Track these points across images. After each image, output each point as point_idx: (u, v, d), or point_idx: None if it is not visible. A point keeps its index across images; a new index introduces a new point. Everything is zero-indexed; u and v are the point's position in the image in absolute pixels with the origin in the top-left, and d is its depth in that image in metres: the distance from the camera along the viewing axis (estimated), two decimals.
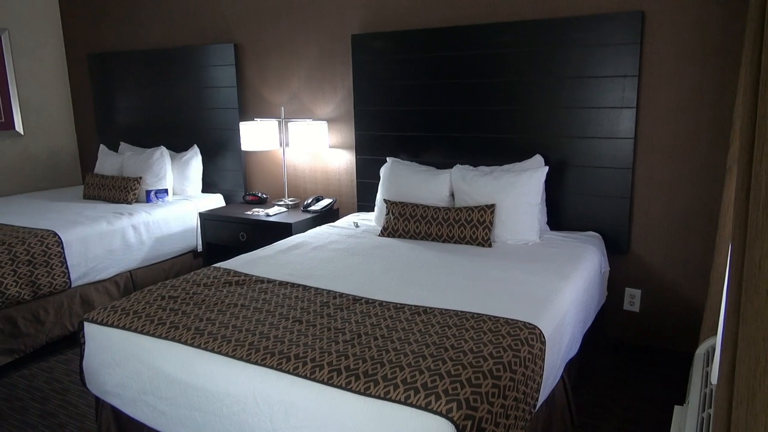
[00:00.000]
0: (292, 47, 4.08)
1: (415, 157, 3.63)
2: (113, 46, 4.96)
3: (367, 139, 3.81)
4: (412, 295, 2.29)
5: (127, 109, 4.97)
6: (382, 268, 2.67)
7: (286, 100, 4.16)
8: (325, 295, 2.32)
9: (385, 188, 3.43)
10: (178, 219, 4.10)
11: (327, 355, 1.79)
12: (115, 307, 2.24)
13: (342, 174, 4.06)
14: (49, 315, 3.31)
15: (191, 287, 2.43)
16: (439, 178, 3.28)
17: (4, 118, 4.93)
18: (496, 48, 3.28)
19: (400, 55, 3.59)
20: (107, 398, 2.23)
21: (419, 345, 1.84)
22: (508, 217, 3.02)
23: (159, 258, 4.00)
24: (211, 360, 1.89)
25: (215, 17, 4.36)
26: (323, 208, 3.89)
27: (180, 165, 4.42)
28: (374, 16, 3.71)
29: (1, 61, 4.85)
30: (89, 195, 4.39)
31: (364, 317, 2.10)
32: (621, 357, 3.22)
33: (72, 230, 3.50)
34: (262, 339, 1.93)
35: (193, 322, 2.08)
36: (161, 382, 2.00)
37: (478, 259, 2.76)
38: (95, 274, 3.59)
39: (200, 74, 4.44)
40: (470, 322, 2.01)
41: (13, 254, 3.18)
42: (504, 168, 3.22)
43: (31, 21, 5.04)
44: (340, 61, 3.89)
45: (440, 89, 3.49)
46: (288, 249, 3.00)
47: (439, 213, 3.09)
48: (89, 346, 2.24)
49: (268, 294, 2.35)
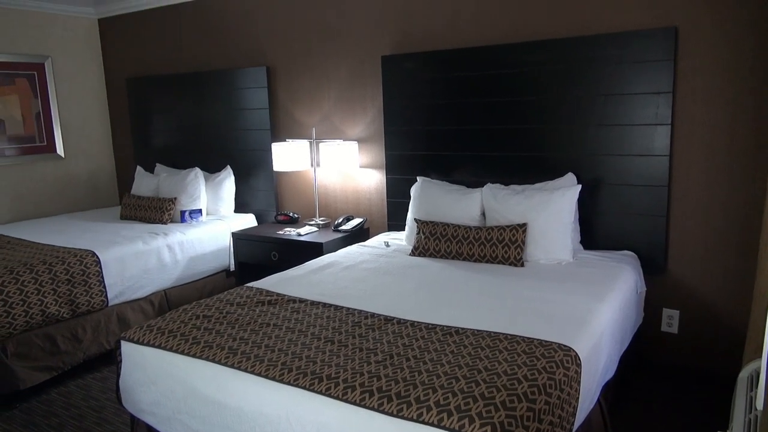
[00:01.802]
0: (322, 69, 4.14)
1: (446, 176, 3.62)
2: (150, 70, 5.12)
3: (398, 159, 3.82)
4: (444, 316, 2.27)
5: (162, 131, 5.10)
6: (414, 288, 2.66)
7: (317, 120, 4.22)
8: (357, 315, 2.32)
9: (416, 207, 3.43)
10: (212, 239, 4.16)
11: (359, 375, 1.79)
12: (151, 326, 2.28)
13: (372, 193, 4.08)
14: (86, 333, 3.38)
15: (225, 306, 2.46)
16: (469, 197, 3.27)
17: (47, 142, 5.11)
18: (526, 66, 3.27)
19: (429, 75, 3.61)
20: (142, 416, 2.26)
21: (452, 366, 1.82)
22: (541, 237, 2.98)
23: (193, 277, 4.06)
24: (244, 379, 1.91)
25: (248, 41, 4.47)
26: (354, 227, 3.91)
27: (213, 185, 4.51)
28: (404, 36, 3.75)
29: (44, 86, 5.04)
30: (126, 215, 4.49)
31: (396, 337, 2.09)
32: (659, 380, 3.13)
33: (109, 250, 3.58)
34: (295, 359, 1.93)
35: (226, 342, 2.10)
36: (195, 401, 2.02)
37: (510, 278, 2.73)
38: (131, 293, 3.66)
39: (234, 97, 4.53)
40: (503, 343, 1.99)
41: (53, 273, 3.27)
42: (536, 187, 3.20)
43: (73, 48, 5.24)
44: (370, 82, 3.93)
45: (470, 108, 3.49)
46: (319, 269, 3.01)
47: (470, 232, 3.08)
48: (125, 365, 2.28)
49: (300, 314, 2.36)
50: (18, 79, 4.88)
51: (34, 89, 4.99)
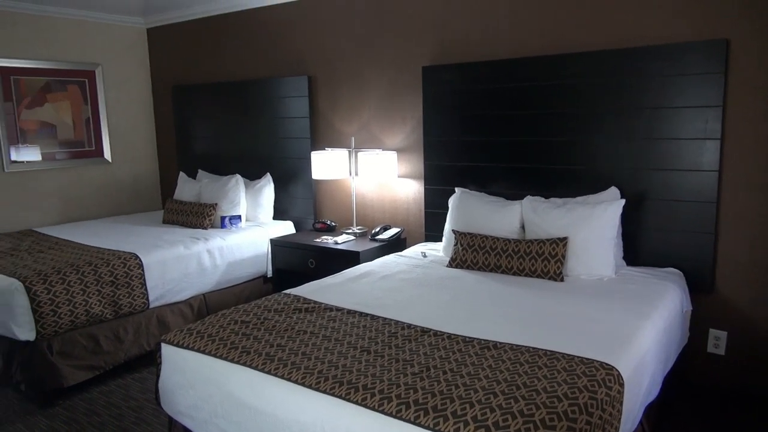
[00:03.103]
0: (362, 79, 4.17)
1: (484, 187, 3.59)
2: (195, 78, 5.24)
3: (436, 170, 3.81)
4: (482, 329, 2.24)
5: (205, 138, 5.21)
6: (451, 300, 2.64)
7: (357, 130, 4.25)
8: (393, 326, 2.31)
9: (454, 218, 3.41)
10: (250, 245, 4.21)
11: (395, 387, 1.77)
12: (191, 330, 2.32)
13: (410, 203, 4.08)
14: (128, 334, 3.46)
15: (262, 313, 2.48)
16: (509, 209, 3.23)
17: (95, 146, 5.28)
18: (569, 79, 3.23)
19: (469, 86, 3.60)
20: (180, 419, 2.30)
21: (490, 381, 1.79)
22: (582, 251, 2.92)
23: (231, 282, 4.12)
24: (280, 386, 1.91)
25: (290, 51, 4.53)
26: (391, 237, 3.91)
27: (253, 192, 4.57)
28: (444, 47, 3.74)
29: (94, 93, 5.22)
30: (168, 220, 4.60)
31: (433, 350, 2.07)
32: (704, 402, 3.02)
33: (152, 253, 3.67)
34: (331, 368, 1.93)
35: (264, 348, 2.11)
36: (232, 406, 2.04)
37: (549, 293, 2.68)
38: (171, 296, 3.73)
39: (275, 105, 4.60)
40: (543, 359, 1.95)
41: (98, 275, 3.36)
42: (577, 200, 3.14)
43: (122, 56, 5.41)
44: (410, 92, 3.94)
45: (510, 120, 3.46)
46: (356, 278, 3.02)
47: (509, 245, 3.04)
48: (165, 367, 2.32)
49: (337, 322, 2.36)
50: (70, 86, 5.06)
51: (85, 96, 5.17)
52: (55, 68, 4.95)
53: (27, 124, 4.83)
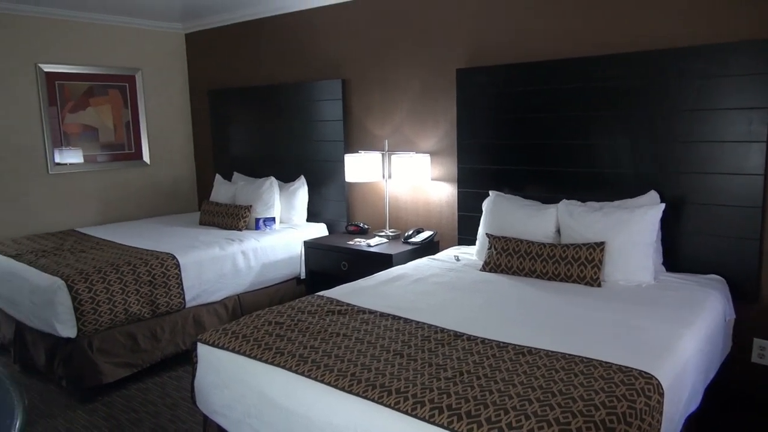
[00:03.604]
0: (396, 82, 4.17)
1: (519, 191, 3.55)
2: (231, 82, 5.32)
3: (470, 173, 3.78)
4: (516, 334, 2.21)
5: (241, 141, 5.29)
6: (484, 304, 2.61)
7: (390, 132, 4.25)
8: (426, 330, 2.30)
9: (488, 222, 3.38)
10: (284, 246, 4.25)
11: (428, 391, 1.76)
12: (226, 330, 2.35)
13: (443, 207, 4.06)
14: (164, 333, 3.53)
15: (296, 314, 2.49)
16: (544, 213, 3.18)
17: (134, 149, 5.41)
18: (607, 80, 3.16)
19: (504, 88, 3.56)
20: (215, 417, 2.33)
21: (524, 388, 1.77)
22: (620, 256, 2.86)
23: (265, 283, 4.16)
24: (313, 388, 1.92)
25: (325, 55, 4.57)
26: (424, 240, 3.89)
27: (287, 195, 4.62)
28: (478, 49, 3.72)
29: (134, 97, 5.35)
30: (204, 221, 4.67)
31: (466, 354, 2.05)
32: (748, 414, 2.91)
33: (188, 254, 3.73)
34: (364, 370, 1.93)
35: (297, 349, 2.13)
36: (265, 407, 2.06)
37: (585, 299, 2.63)
38: (207, 296, 3.79)
39: (309, 109, 4.64)
40: (579, 366, 1.91)
41: (137, 274, 3.43)
42: (615, 204, 3.07)
43: (161, 61, 5.53)
44: (443, 95, 3.92)
45: (545, 122, 3.41)
46: (389, 280, 3.01)
47: (544, 249, 2.99)
48: (201, 366, 2.35)
49: (370, 325, 2.36)
50: (111, 90, 5.20)
51: (125, 100, 5.30)
52: (98, 73, 5.09)
53: (70, 128, 4.98)
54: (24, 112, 4.69)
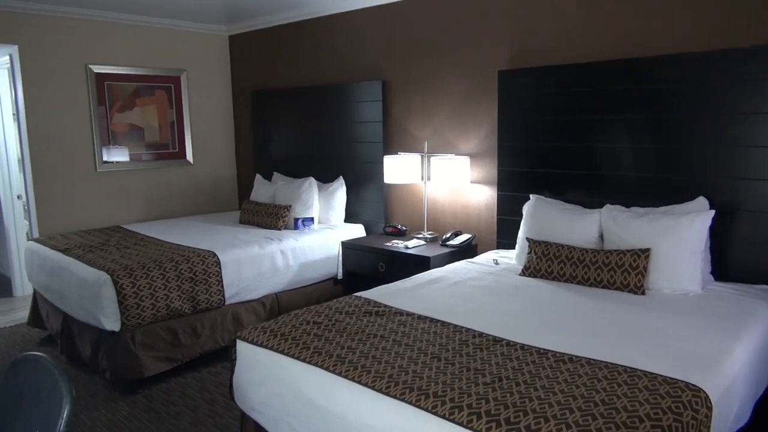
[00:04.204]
0: (437, 83, 4.15)
1: (560, 195, 3.48)
2: (273, 83, 5.39)
3: (510, 176, 3.73)
4: (556, 341, 2.17)
5: (281, 141, 5.35)
6: (523, 309, 2.57)
7: (430, 134, 4.23)
8: (464, 333, 2.27)
9: (528, 226, 3.33)
10: (322, 246, 4.28)
11: (466, 396, 1.74)
12: (265, 328, 2.37)
13: (482, 210, 4.01)
14: (204, 329, 3.59)
15: (334, 314, 2.50)
16: (586, 218, 3.12)
17: (178, 149, 5.53)
18: (655, 82, 3.08)
19: (547, 90, 3.50)
20: (252, 414, 2.35)
21: (565, 396, 1.73)
22: (666, 264, 2.77)
23: (302, 283, 4.19)
24: (350, 389, 1.92)
25: (365, 56, 4.58)
26: (462, 243, 3.86)
27: (326, 195, 4.64)
28: (521, 51, 3.67)
29: (179, 98, 5.48)
30: (244, 220, 4.74)
31: (505, 360, 2.02)
32: None
33: (228, 252, 3.79)
34: (401, 373, 1.92)
35: (334, 349, 2.13)
36: (302, 405, 2.07)
37: (629, 307, 2.56)
38: (245, 294, 3.84)
39: (349, 110, 4.66)
40: (622, 376, 1.85)
41: (179, 271, 3.50)
42: (661, 210, 2.98)
43: (205, 62, 5.65)
44: (485, 97, 3.88)
45: (588, 125, 3.34)
46: (426, 283, 2.99)
47: (586, 255, 2.93)
48: (239, 363, 2.38)
49: (407, 327, 2.35)
50: (158, 91, 5.34)
51: (170, 100, 5.43)
52: (145, 74, 5.23)
53: (118, 127, 5.12)
54: (75, 112, 4.86)
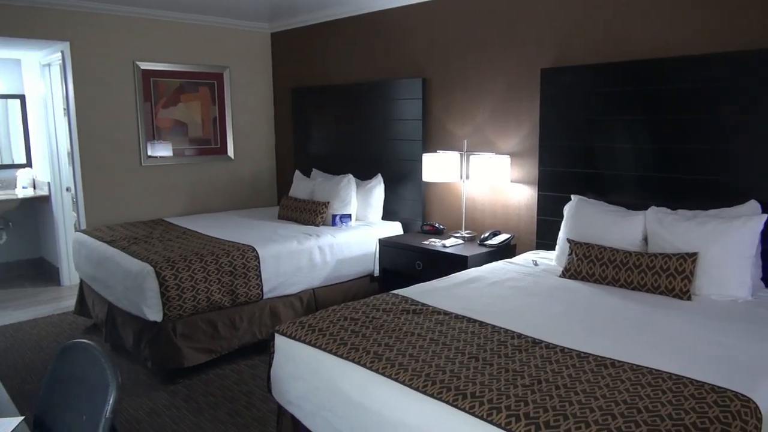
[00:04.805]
0: (478, 81, 4.11)
1: (603, 196, 3.40)
2: (313, 80, 5.43)
3: (551, 175, 3.67)
4: (597, 345, 2.12)
5: (320, 138, 5.39)
6: (563, 312, 2.53)
7: (470, 132, 4.19)
8: (503, 334, 2.25)
9: (569, 227, 3.27)
10: (359, 243, 4.29)
11: (505, 398, 1.72)
12: (303, 323, 2.39)
13: (522, 209, 3.96)
14: (243, 322, 3.65)
15: (371, 311, 2.51)
16: (630, 220, 3.04)
17: (220, 144, 5.63)
18: (703, 82, 2.97)
19: (591, 89, 3.43)
20: (289, 408, 2.38)
21: (607, 401, 1.69)
22: (713, 269, 2.68)
23: (339, 279, 4.21)
24: (387, 386, 1.92)
25: (406, 54, 4.57)
26: (500, 243, 3.82)
27: (364, 192, 4.66)
28: (565, 49, 3.60)
29: (221, 95, 5.57)
30: (283, 216, 4.79)
31: (545, 362, 1.98)
32: None
33: (267, 247, 3.84)
34: (438, 372, 1.91)
35: (372, 346, 2.13)
36: (339, 401, 2.08)
37: (674, 312, 2.49)
38: (283, 288, 3.88)
39: (388, 107, 4.66)
40: (667, 383, 1.80)
41: (219, 264, 3.57)
42: (710, 213, 2.88)
43: (248, 59, 5.73)
44: (527, 95, 3.82)
45: (634, 125, 3.25)
46: (464, 282, 2.97)
47: (629, 258, 2.85)
48: (277, 357, 2.41)
49: (444, 326, 2.34)
50: (201, 88, 5.44)
51: (213, 96, 5.53)
52: (190, 71, 5.34)
53: (162, 122, 5.25)
54: (122, 107, 4.99)
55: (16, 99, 5.82)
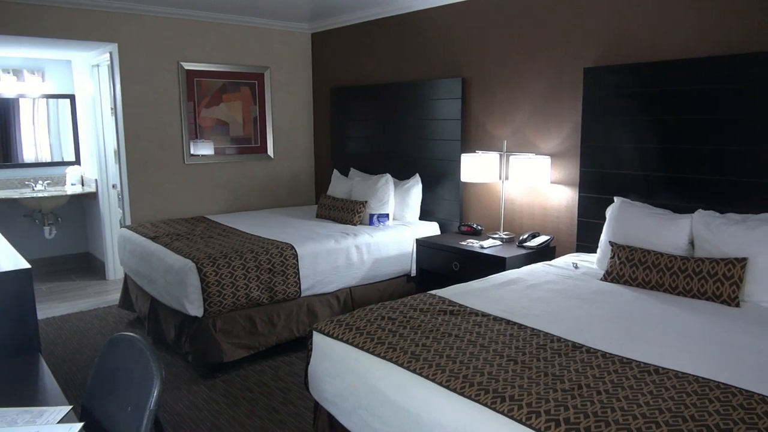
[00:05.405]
0: (518, 81, 4.06)
1: (647, 198, 3.32)
2: (352, 80, 5.46)
3: (593, 177, 3.60)
4: (641, 351, 2.07)
5: (359, 138, 5.41)
6: (605, 316, 2.47)
7: (510, 133, 4.15)
8: (542, 337, 2.21)
9: (612, 230, 3.19)
10: (396, 243, 4.29)
11: (544, 402, 1.69)
12: (340, 321, 2.40)
13: (562, 211, 3.89)
14: (280, 319, 3.69)
15: (408, 311, 2.50)
16: (676, 223, 2.96)
17: (260, 143, 5.71)
18: (754, 81, 2.86)
19: (637, 88, 3.34)
20: (325, 405, 2.39)
21: (651, 409, 1.64)
22: (764, 275, 2.58)
23: (375, 278, 4.22)
24: (424, 386, 1.91)
25: (445, 54, 4.55)
26: (539, 245, 3.76)
27: (401, 192, 4.65)
28: (609, 48, 3.52)
29: (262, 94, 5.65)
30: (321, 214, 4.83)
31: (585, 367, 1.95)
32: None
33: (305, 245, 3.88)
34: (476, 374, 1.90)
35: (409, 346, 2.13)
36: (375, 400, 2.08)
37: (721, 319, 2.41)
38: (320, 287, 3.91)
39: (427, 107, 4.64)
40: (714, 392, 1.74)
41: (258, 262, 3.62)
42: (761, 217, 2.77)
43: (288, 60, 5.79)
44: (568, 95, 3.76)
45: (681, 126, 3.16)
46: (502, 284, 2.94)
47: (674, 262, 2.77)
48: (315, 354, 2.43)
49: (482, 328, 2.32)
50: (243, 87, 5.53)
51: (254, 96, 5.61)
52: (232, 71, 5.43)
53: (205, 122, 5.35)
54: (167, 107, 5.11)
55: (67, 99, 6.03)
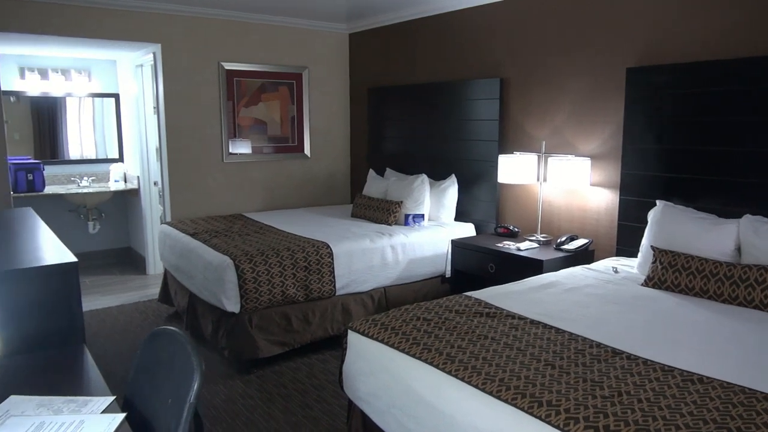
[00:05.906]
0: (558, 81, 3.99)
1: (691, 202, 3.23)
2: (389, 80, 5.46)
3: (635, 179, 3.51)
4: (684, 359, 2.01)
5: (395, 138, 5.41)
6: (646, 322, 2.41)
7: (548, 134, 4.08)
8: (580, 342, 2.17)
9: (653, 234, 3.12)
10: (431, 244, 4.28)
11: (583, 408, 1.66)
12: (375, 321, 2.41)
13: (601, 214, 3.82)
14: (315, 317, 3.72)
15: (444, 312, 2.49)
16: (722, 228, 2.86)
17: (297, 143, 5.76)
18: None
19: (681, 89, 3.25)
20: (359, 404, 2.40)
21: (694, 419, 1.59)
22: None
23: (410, 279, 4.22)
24: (459, 388, 1.90)
25: (483, 54, 4.51)
26: (578, 248, 3.69)
27: (437, 193, 4.63)
28: (652, 48, 3.43)
29: (299, 94, 5.70)
30: (356, 214, 4.85)
31: (625, 374, 1.90)
32: None
33: (341, 244, 3.89)
34: (513, 377, 1.87)
35: (444, 348, 2.12)
36: (409, 400, 2.07)
37: None
38: (355, 286, 3.93)
39: (464, 107, 4.61)
40: (762, 404, 1.68)
41: (294, 260, 3.65)
42: None
43: (326, 60, 5.83)
44: (610, 96, 3.68)
45: (728, 127, 3.06)
46: (540, 287, 2.90)
47: (720, 268, 2.69)
48: (350, 353, 2.43)
49: (519, 331, 2.29)
50: (281, 87, 5.59)
51: (292, 96, 5.66)
52: (270, 71, 5.50)
53: (243, 121, 5.43)
54: (207, 106, 5.21)
55: (112, 98, 6.21)
